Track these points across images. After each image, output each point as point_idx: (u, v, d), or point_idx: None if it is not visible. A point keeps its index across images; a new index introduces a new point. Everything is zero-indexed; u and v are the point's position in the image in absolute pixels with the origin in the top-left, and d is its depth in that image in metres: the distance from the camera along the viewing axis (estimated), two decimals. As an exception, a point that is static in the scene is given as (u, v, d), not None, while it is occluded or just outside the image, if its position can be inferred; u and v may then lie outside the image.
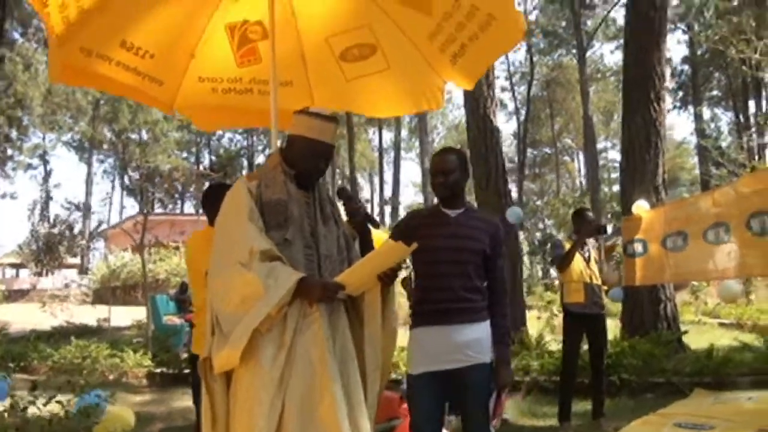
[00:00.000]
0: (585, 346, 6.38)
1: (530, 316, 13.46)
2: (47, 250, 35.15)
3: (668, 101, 38.65)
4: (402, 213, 43.38)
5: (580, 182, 48.35)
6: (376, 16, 3.85)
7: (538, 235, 34.26)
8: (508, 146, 54.10)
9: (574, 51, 36.20)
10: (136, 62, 3.81)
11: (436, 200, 3.42)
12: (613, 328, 11.42)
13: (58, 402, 4.22)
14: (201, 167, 48.53)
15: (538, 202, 49.33)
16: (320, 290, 2.61)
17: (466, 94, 11.10)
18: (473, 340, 3.16)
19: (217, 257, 2.68)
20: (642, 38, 9.97)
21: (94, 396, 4.93)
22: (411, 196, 58.71)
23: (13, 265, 44.14)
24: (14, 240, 78.55)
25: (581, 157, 44.20)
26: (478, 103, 10.70)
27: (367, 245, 3.01)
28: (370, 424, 2.75)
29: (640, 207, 7.70)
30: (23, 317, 18.36)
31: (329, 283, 2.66)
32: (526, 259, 24.44)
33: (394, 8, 3.74)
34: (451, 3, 3.47)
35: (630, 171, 9.85)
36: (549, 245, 6.73)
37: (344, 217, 3.04)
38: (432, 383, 3.19)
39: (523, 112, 44.03)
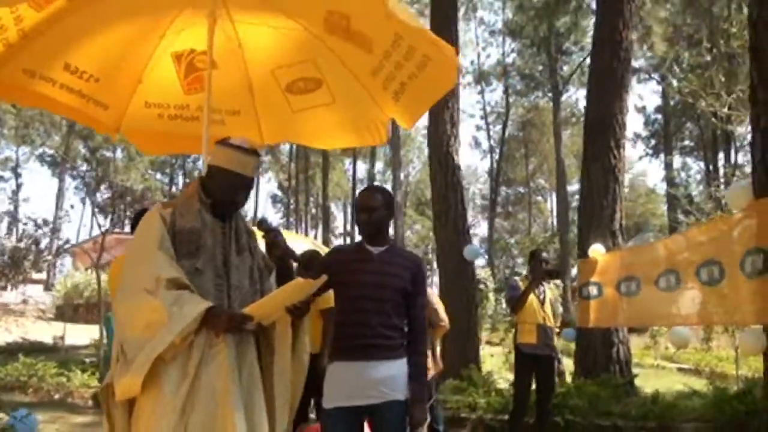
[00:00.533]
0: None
1: (491, 352, 13.56)
2: (12, 264, 34.66)
3: (640, 148, 39.46)
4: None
5: (552, 222, 48.79)
6: (320, 51, 3.93)
7: (507, 272, 34.45)
8: (483, 184, 54.63)
9: (549, 94, 36.74)
10: (81, 85, 3.88)
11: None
12: (570, 367, 11.55)
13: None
14: (174, 188, 48.35)
15: (511, 240, 49.61)
16: (227, 320, 2.61)
17: (430, 130, 11.26)
18: (388, 377, 3.18)
19: (124, 284, 2.68)
20: (605, 88, 10.19)
21: (20, 416, 4.86)
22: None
23: (-24, 278, 43.36)
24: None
25: (554, 197, 44.65)
26: (441, 140, 10.84)
27: (285, 278, 3.03)
28: None
29: (596, 251, 7.85)
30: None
31: (236, 313, 2.67)
32: (491, 296, 24.53)
33: (337, 44, 3.81)
34: (390, 42, 3.54)
35: (587, 215, 9.99)
36: (505, 286, 6.81)
37: (263, 249, 3.07)
38: (344, 418, 3.20)
39: (497, 151, 44.51)
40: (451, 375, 9.40)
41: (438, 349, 5.59)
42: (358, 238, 3.42)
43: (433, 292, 5.65)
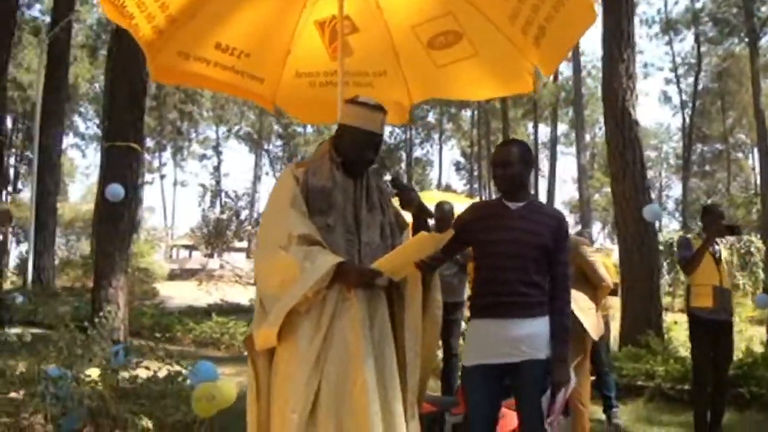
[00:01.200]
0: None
1: (682, 319, 12.79)
2: (216, 234, 37.57)
3: None
4: (557, 207, 42.40)
5: (754, 181, 45.01)
6: (456, 3, 3.87)
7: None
8: (676, 142, 51.42)
9: (746, 40, 33.62)
10: (233, 61, 4.05)
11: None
12: (762, 336, 10.64)
13: (146, 368, 4.57)
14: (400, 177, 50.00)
15: (708, 201, 46.48)
16: (356, 275, 2.67)
17: (604, 85, 10.71)
18: (528, 335, 3.10)
19: (261, 241, 2.84)
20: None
21: (204, 366, 5.26)
22: (571, 192, 57.36)
23: (186, 247, 47.55)
24: (187, 223, 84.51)
25: (755, 153, 41.05)
26: (616, 94, 10.24)
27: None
28: (411, 409, 2.80)
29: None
30: (186, 294, 19.87)
31: (366, 268, 2.72)
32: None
33: None
34: None
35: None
36: (676, 244, 6.21)
37: (398, 207, 3.10)
38: (484, 375, 3.16)
39: (690, 105, 41.64)
40: (630, 341, 8.99)
41: (600, 311, 5.26)
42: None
43: (590, 250, 5.24)
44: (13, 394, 4.14)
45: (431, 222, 3.84)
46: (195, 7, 3.65)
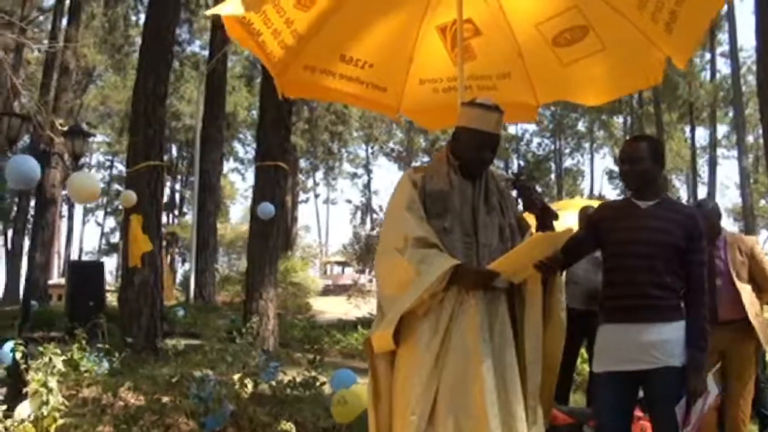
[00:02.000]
0: None
1: None
2: (367, 250, 38.45)
3: None
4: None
5: None
6: None
7: None
8: None
9: None
10: (358, 73, 4.13)
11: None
12: None
13: (283, 372, 4.74)
14: (509, 172, 49.55)
15: None
16: (474, 277, 2.67)
17: (759, 77, 10.05)
18: (660, 341, 2.95)
19: (380, 245, 2.90)
20: None
21: (343, 373, 5.42)
22: (734, 198, 53.84)
23: (339, 263, 48.91)
24: (341, 241, 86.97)
25: None
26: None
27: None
28: (532, 414, 2.75)
29: None
30: (337, 308, 20.44)
31: (483, 270, 2.70)
32: None
33: None
34: None
35: None
36: None
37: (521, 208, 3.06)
38: (615, 382, 3.03)
39: None
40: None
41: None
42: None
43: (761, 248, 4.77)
44: (163, 398, 4.44)
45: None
46: (320, 22, 3.77)
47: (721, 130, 43.99)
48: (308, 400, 4.75)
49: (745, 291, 4.24)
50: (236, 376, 4.62)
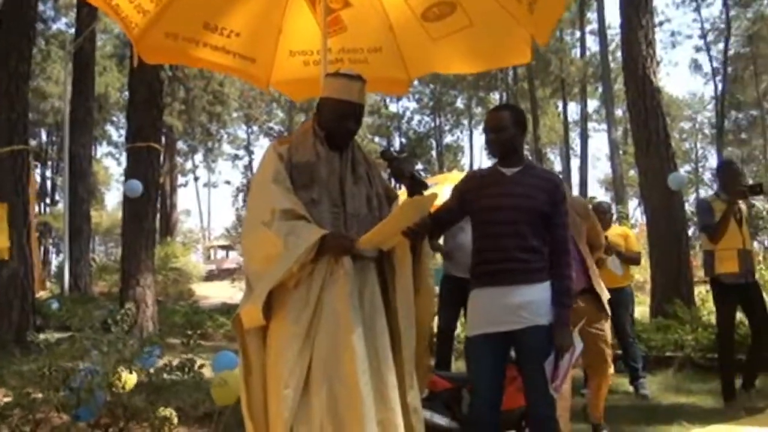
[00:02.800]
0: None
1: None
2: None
3: None
4: (591, 186, 41.91)
5: (794, 145, 43.99)
6: None
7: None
8: (710, 111, 50.30)
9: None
10: (224, 42, 3.99)
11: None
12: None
13: (165, 359, 4.61)
14: (393, 150, 49.77)
15: (744, 171, 45.45)
16: (341, 243, 2.67)
17: (624, 53, 10.54)
18: (528, 302, 3.06)
19: (246, 219, 2.87)
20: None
21: (225, 356, 5.31)
22: (605, 170, 56.51)
23: (222, 247, 48.04)
24: (223, 224, 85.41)
25: (793, 117, 40.10)
26: (636, 63, 10.07)
27: None
28: (410, 378, 2.78)
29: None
30: (222, 293, 20.10)
31: (348, 235, 2.71)
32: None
33: None
34: None
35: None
36: (695, 208, 5.88)
37: (389, 178, 3.08)
38: (487, 345, 3.13)
39: (721, 72, 40.75)
40: (661, 313, 8.84)
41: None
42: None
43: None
44: (33, 393, 4.20)
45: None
46: None
47: (592, 104, 46.15)
48: (188, 385, 4.61)
49: (590, 259, 4.34)
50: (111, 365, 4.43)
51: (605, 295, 4.31)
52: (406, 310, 2.81)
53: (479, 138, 74.49)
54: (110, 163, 52.05)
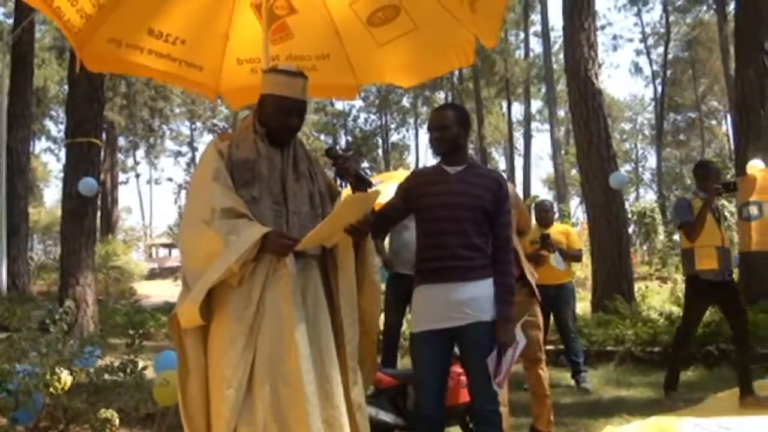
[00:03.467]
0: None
1: (657, 289, 12.96)
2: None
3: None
4: (534, 185, 42.54)
5: (729, 147, 45.38)
6: None
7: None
8: (650, 113, 51.60)
9: (714, 6, 33.81)
10: (169, 49, 3.87)
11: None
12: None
13: (103, 358, 4.53)
14: (338, 148, 49.73)
15: (683, 171, 46.81)
16: (281, 242, 2.63)
17: (566, 55, 10.72)
18: (471, 299, 3.12)
19: (184, 217, 2.81)
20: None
21: (167, 355, 5.23)
22: (548, 169, 57.48)
23: (164, 245, 47.26)
24: (165, 222, 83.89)
25: (728, 119, 41.34)
26: (578, 64, 10.29)
27: None
28: (354, 375, 2.79)
29: (754, 166, 7.18)
30: (164, 291, 19.76)
31: (289, 234, 2.69)
32: (661, 229, 23.27)
33: None
34: None
35: (743, 128, 9.12)
36: (673, 207, 6.06)
37: (335, 177, 3.07)
38: (431, 341, 3.17)
39: (661, 75, 41.83)
40: (601, 308, 9.05)
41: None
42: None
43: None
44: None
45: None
46: None
47: (535, 105, 46.92)
48: (129, 385, 4.53)
49: (520, 247, 4.43)
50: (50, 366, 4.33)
51: (534, 282, 4.42)
52: (349, 308, 2.81)
53: (425, 137, 74.92)
54: (49, 159, 50.74)
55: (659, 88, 42.78)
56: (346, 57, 4.27)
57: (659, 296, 12.34)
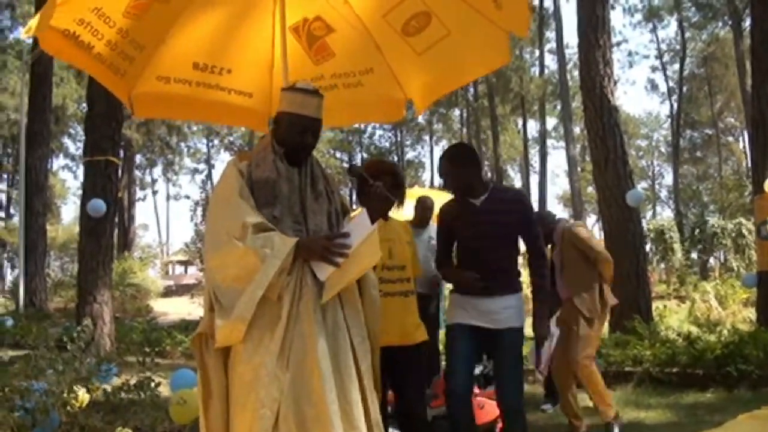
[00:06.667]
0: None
1: (675, 308, 12.89)
2: (207, 247, 37.41)
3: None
4: (550, 202, 42.42)
5: (746, 164, 45.09)
6: None
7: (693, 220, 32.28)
8: (666, 129, 51.42)
9: (730, 23, 33.72)
10: (216, 79, 3.88)
11: None
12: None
13: (122, 378, 4.54)
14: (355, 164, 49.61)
15: (700, 188, 46.50)
16: (318, 243, 2.67)
17: (582, 72, 10.71)
18: (506, 308, 3.59)
19: (211, 236, 2.76)
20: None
21: (183, 373, 5.24)
22: (564, 186, 57.31)
23: (181, 262, 47.42)
24: (182, 239, 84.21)
25: (745, 135, 41.10)
26: (594, 81, 10.25)
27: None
28: (370, 395, 2.76)
29: (774, 184, 7.13)
30: (181, 309, 19.82)
31: (330, 234, 2.75)
32: (677, 247, 23.07)
33: None
34: None
35: (760, 144, 9.04)
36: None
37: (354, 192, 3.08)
38: (466, 331, 3.62)
39: (677, 91, 41.72)
40: (619, 328, 8.95)
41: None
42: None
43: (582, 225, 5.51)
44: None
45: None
46: (160, 30, 3.53)
47: (551, 122, 46.78)
48: (146, 403, 4.54)
49: (569, 273, 5.11)
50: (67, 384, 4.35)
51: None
52: (358, 326, 2.80)
53: (440, 154, 75.10)
54: (67, 176, 51.26)
55: (675, 105, 42.64)
56: (390, 69, 4.17)
57: (677, 316, 12.26)
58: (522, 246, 3.87)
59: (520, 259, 4.44)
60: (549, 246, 5.41)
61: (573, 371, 5.13)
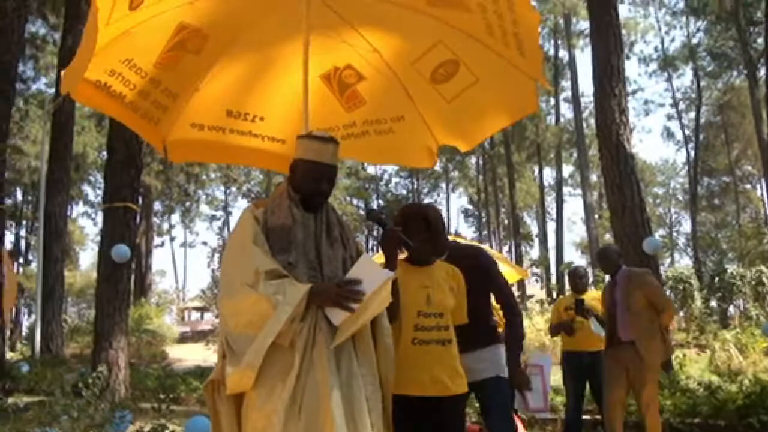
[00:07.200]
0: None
1: (695, 358, 12.68)
2: (221, 293, 37.37)
3: None
4: (567, 250, 42.14)
5: (764, 212, 44.76)
6: (438, 28, 3.67)
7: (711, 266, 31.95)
8: (683, 177, 51.30)
9: (745, 72, 33.83)
10: (249, 126, 3.97)
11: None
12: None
13: (137, 424, 4.51)
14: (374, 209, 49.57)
15: (718, 236, 46.13)
16: (331, 289, 2.65)
17: (598, 120, 10.76)
18: (488, 359, 3.80)
19: (225, 283, 2.76)
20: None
21: (197, 420, 5.20)
22: (581, 233, 57.10)
23: (197, 309, 47.36)
24: (198, 285, 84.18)
25: (763, 183, 40.91)
26: (610, 129, 10.30)
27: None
28: None
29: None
30: (196, 355, 19.77)
31: (331, 284, 2.70)
32: (697, 294, 22.80)
33: (444, 14, 3.54)
34: None
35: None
36: None
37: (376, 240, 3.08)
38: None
39: (693, 139, 41.73)
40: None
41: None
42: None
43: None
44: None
45: None
46: (193, 79, 3.62)
47: (567, 169, 46.88)
48: (158, 450, 4.51)
49: (635, 318, 5.26)
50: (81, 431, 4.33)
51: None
52: (371, 375, 2.76)
53: (456, 201, 75.17)
54: (86, 223, 51.68)
55: (692, 153, 42.61)
56: (421, 117, 4.19)
57: (698, 365, 12.06)
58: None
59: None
60: (609, 277, 5.60)
61: (622, 413, 5.41)
